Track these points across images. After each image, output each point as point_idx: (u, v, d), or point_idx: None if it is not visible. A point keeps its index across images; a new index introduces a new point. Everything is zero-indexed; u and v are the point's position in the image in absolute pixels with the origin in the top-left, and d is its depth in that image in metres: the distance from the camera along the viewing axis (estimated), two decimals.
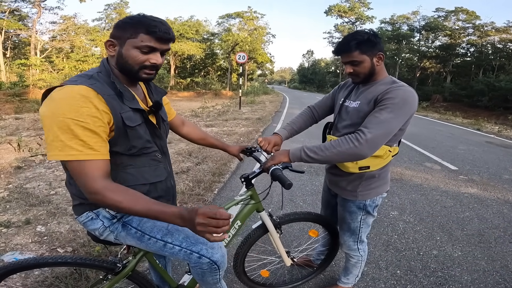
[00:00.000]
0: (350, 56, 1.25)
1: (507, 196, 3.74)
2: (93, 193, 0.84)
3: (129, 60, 0.95)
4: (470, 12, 29.74)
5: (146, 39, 0.93)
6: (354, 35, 1.24)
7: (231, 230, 1.36)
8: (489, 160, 5.69)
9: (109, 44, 0.96)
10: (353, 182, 1.40)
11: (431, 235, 2.65)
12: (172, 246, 1.09)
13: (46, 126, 0.84)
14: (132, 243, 1.10)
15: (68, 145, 0.82)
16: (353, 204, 1.46)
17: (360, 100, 1.32)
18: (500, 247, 2.50)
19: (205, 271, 1.16)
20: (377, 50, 1.24)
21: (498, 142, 8.17)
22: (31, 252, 2.09)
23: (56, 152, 0.83)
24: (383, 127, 1.14)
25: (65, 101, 0.84)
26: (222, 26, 33.33)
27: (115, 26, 0.96)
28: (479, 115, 18.29)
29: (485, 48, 30.01)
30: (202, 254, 1.11)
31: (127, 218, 1.08)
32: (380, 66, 1.28)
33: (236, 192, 3.45)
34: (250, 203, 1.38)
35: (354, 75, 1.30)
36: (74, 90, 0.86)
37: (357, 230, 1.52)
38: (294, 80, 74.47)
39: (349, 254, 1.65)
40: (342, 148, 1.15)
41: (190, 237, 1.12)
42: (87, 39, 24.12)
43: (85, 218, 1.06)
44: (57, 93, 0.86)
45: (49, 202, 2.95)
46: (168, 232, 1.10)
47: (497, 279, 2.06)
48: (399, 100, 1.16)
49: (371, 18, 38.98)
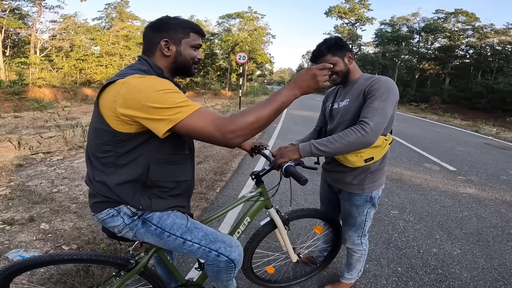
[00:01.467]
0: (324, 60, 1.39)
1: (504, 197, 3.78)
2: (227, 133, 0.86)
3: (187, 57, 1.07)
4: (469, 14, 29.81)
5: (196, 38, 1.08)
6: (323, 42, 1.42)
7: (241, 227, 1.38)
8: (487, 161, 5.74)
9: (165, 45, 1.03)
10: (359, 176, 1.46)
11: (430, 233, 2.69)
12: (191, 243, 1.10)
13: (156, 100, 0.85)
14: (150, 240, 1.10)
15: (186, 102, 0.88)
16: (359, 197, 1.51)
17: (348, 97, 1.44)
18: (498, 245, 2.54)
19: (221, 269, 1.17)
20: (345, 50, 1.41)
21: (496, 144, 8.23)
22: (35, 250, 2.11)
23: (185, 108, 0.86)
24: (380, 114, 1.25)
25: (153, 80, 0.90)
26: (222, 26, 33.34)
27: (165, 29, 1.03)
28: (478, 117, 18.36)
29: (484, 50, 30.09)
30: (220, 252, 1.13)
31: (147, 215, 1.08)
32: (352, 65, 1.44)
33: (238, 191, 3.48)
34: (260, 200, 1.40)
35: (333, 76, 1.43)
36: (150, 77, 0.92)
37: (362, 224, 1.59)
38: None
39: (352, 249, 1.70)
40: (351, 139, 1.22)
41: (209, 235, 1.13)
42: (87, 38, 24.07)
43: (105, 215, 1.05)
44: (137, 80, 0.89)
45: (52, 199, 2.96)
46: (188, 230, 1.11)
47: (495, 277, 2.10)
48: (384, 89, 1.30)
49: (371, 19, 39.09)
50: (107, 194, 1.01)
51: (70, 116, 9.52)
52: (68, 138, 5.94)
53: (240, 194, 3.40)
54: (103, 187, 1.01)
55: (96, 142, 0.98)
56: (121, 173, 0.99)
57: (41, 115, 10.98)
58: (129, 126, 0.92)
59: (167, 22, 1.04)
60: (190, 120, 0.86)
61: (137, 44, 27.14)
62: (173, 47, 1.04)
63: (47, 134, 7.62)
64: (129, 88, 0.88)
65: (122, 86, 0.89)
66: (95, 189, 1.03)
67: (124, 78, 0.90)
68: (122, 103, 0.88)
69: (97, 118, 0.96)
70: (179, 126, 0.86)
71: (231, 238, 1.20)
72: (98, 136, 0.97)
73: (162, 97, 0.86)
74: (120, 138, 0.94)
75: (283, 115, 11.33)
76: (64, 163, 4.23)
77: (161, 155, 1.02)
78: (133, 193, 1.02)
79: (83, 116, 11.83)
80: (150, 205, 1.05)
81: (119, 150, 0.96)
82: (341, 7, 38.91)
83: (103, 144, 0.97)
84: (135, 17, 28.10)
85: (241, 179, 3.91)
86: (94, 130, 0.99)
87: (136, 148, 0.97)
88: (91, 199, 1.07)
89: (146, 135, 0.95)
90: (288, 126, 8.78)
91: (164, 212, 1.09)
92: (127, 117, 0.89)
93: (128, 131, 0.93)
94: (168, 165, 1.05)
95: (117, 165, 0.99)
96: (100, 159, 1.00)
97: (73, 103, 17.75)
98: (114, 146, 0.96)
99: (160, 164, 1.02)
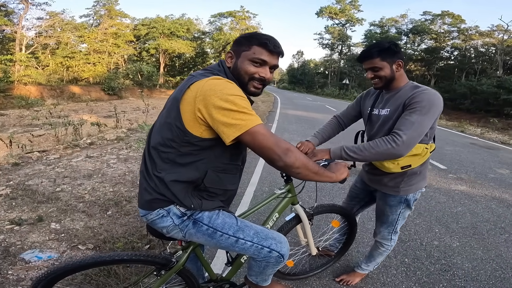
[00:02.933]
0: (371, 62, 1.37)
1: (494, 193, 4.00)
2: (285, 150, 0.94)
3: (241, 71, 1.05)
4: (456, 16, 30.61)
5: (258, 52, 1.03)
6: (376, 44, 1.38)
7: (269, 222, 1.44)
8: (475, 160, 6.01)
9: (229, 56, 1.07)
10: (395, 179, 1.50)
11: (430, 227, 2.83)
12: (244, 241, 1.14)
13: (227, 103, 0.90)
14: (201, 240, 1.13)
15: (251, 113, 0.94)
16: (394, 198, 1.56)
17: (389, 107, 1.42)
18: (492, 238, 2.71)
19: (269, 264, 1.22)
20: (396, 57, 1.36)
21: (482, 143, 8.60)
22: (51, 250, 2.09)
23: (253, 117, 0.93)
24: (415, 129, 1.25)
25: (231, 84, 0.96)
26: (213, 25, 33.21)
27: (234, 42, 1.07)
28: (462, 118, 18.89)
29: (468, 51, 31.03)
30: (272, 248, 1.18)
31: (197, 215, 1.10)
32: (399, 72, 1.40)
33: (243, 189, 3.53)
34: (288, 196, 1.47)
35: (375, 80, 1.41)
36: (228, 81, 0.99)
37: (394, 222, 1.63)
38: (283, 80, 74.79)
39: (380, 243, 1.75)
40: (380, 149, 1.26)
41: (260, 232, 1.18)
42: (74, 35, 23.49)
43: (155, 215, 1.07)
44: (217, 80, 0.96)
45: (57, 199, 2.94)
46: (239, 229, 1.14)
47: (494, 266, 2.25)
48: (426, 103, 1.27)
49: (361, 20, 39.71)
50: (163, 191, 1.03)
51: (60, 114, 9.31)
52: (60, 136, 5.85)
53: (246, 192, 3.46)
54: (161, 183, 1.03)
55: (163, 135, 1.01)
56: (179, 171, 1.02)
57: (28, 113, 10.69)
58: (200, 128, 0.96)
59: (243, 35, 1.08)
60: (256, 131, 0.91)
61: (126, 42, 26.69)
62: (234, 59, 1.08)
63: (37, 132, 7.46)
64: (211, 85, 0.93)
65: (205, 84, 0.94)
66: (152, 184, 1.05)
67: (206, 78, 0.96)
68: (201, 100, 0.92)
69: (174, 114, 0.99)
70: (246, 134, 0.91)
71: (279, 234, 1.25)
72: (167, 131, 1.00)
73: (236, 101, 0.91)
74: (187, 138, 0.98)
75: (277, 115, 11.41)
76: (62, 162, 4.17)
77: (218, 163, 1.06)
78: (185, 193, 1.05)
79: (73, 114, 11.61)
80: (201, 205, 1.08)
81: (182, 150, 1.00)
82: (332, 8, 39.35)
83: (169, 139, 1.00)
84: (125, 14, 27.63)
85: (245, 177, 3.96)
86: (165, 124, 1.02)
87: (198, 152, 1.01)
88: (143, 196, 1.08)
89: (211, 142, 0.99)
90: (283, 126, 8.88)
91: (213, 212, 1.12)
92: (202, 115, 0.93)
93: (198, 134, 0.97)
94: (222, 173, 1.09)
95: (175, 163, 1.02)
96: (161, 153, 1.03)
97: (59, 101, 17.32)
98: (179, 145, 0.99)
99: (216, 172, 1.06)
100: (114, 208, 2.76)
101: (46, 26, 21.73)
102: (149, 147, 1.08)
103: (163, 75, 29.95)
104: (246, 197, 3.31)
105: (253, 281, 1.37)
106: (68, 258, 2.03)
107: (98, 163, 4.12)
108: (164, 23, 29.31)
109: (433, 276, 2.07)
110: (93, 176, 3.56)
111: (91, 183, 3.36)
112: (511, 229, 2.93)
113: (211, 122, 0.93)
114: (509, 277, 2.13)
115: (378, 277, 2.03)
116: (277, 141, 0.93)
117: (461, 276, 2.09)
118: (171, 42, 28.14)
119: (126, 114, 10.76)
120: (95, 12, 26.63)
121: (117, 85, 21.53)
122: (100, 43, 24.18)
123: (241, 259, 1.40)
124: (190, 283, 1.32)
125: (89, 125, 7.20)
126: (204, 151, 1.02)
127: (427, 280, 2.02)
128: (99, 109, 15.19)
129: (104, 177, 3.57)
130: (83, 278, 1.74)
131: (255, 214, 2.73)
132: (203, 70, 1.07)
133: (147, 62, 29.08)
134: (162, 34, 29.06)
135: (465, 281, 2.04)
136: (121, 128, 7.36)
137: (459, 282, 2.03)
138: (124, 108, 14.50)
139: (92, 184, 3.33)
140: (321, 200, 3.38)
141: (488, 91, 21.92)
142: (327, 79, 46.47)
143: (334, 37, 42.18)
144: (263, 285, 1.39)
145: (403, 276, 2.05)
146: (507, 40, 27.19)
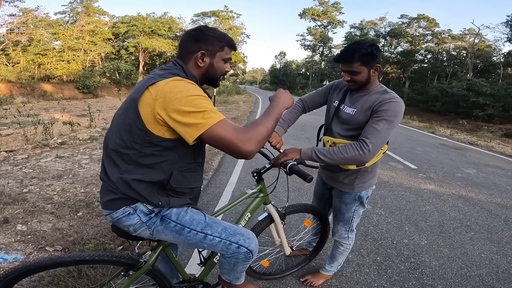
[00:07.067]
0: (350, 66, 1.36)
1: (460, 192, 4.22)
2: (246, 141, 0.93)
3: (218, 70, 1.14)
4: (430, 19, 31.98)
5: (228, 51, 1.14)
6: (358, 47, 1.32)
7: (241, 222, 1.44)
8: (443, 160, 6.33)
9: (201, 56, 1.07)
10: (350, 177, 1.57)
11: (400, 226, 2.95)
12: (212, 237, 1.14)
13: (185, 103, 0.90)
14: (169, 237, 1.12)
15: (213, 110, 0.94)
16: (349, 196, 1.62)
17: (355, 107, 1.45)
18: (458, 236, 2.84)
19: (239, 261, 1.22)
20: (375, 62, 1.36)
21: (450, 144, 9.06)
22: (17, 252, 2.00)
23: (214, 115, 0.93)
24: (381, 137, 1.31)
25: (191, 85, 0.97)
26: (196, 25, 32.78)
27: (203, 40, 1.07)
28: (433, 119, 19.79)
29: (441, 55, 32.53)
30: (240, 244, 1.18)
31: (165, 212, 1.09)
32: (375, 76, 1.41)
33: (222, 189, 3.53)
34: (259, 196, 1.48)
35: (351, 83, 1.42)
36: (188, 81, 0.99)
37: (350, 220, 1.70)
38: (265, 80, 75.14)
39: (339, 242, 1.82)
40: (349, 155, 1.32)
41: (228, 228, 1.18)
42: (48, 32, 22.48)
43: (121, 213, 1.05)
44: (177, 82, 0.96)
45: (24, 200, 2.80)
46: (207, 225, 1.14)
47: (460, 265, 2.36)
48: (392, 112, 1.32)
49: (342, 22, 40.68)
50: (126, 192, 1.02)
51: (30, 112, 8.84)
52: (29, 135, 5.57)
53: (224, 192, 3.44)
54: (122, 184, 1.01)
55: (123, 137, 0.99)
56: (142, 172, 1.01)
57: None
58: (161, 128, 0.95)
59: (206, 33, 1.08)
60: (217, 128, 0.92)
61: (104, 39, 25.84)
62: (208, 59, 1.10)
63: (5, 132, 7.05)
64: (171, 88, 0.92)
65: (165, 86, 0.93)
66: (113, 186, 1.03)
67: (165, 79, 0.95)
68: (161, 103, 0.91)
69: (133, 115, 0.97)
70: (207, 132, 0.91)
71: (247, 230, 1.26)
72: (127, 133, 0.98)
73: (196, 101, 0.91)
74: (149, 138, 0.96)
75: (258, 115, 11.44)
76: (30, 162, 3.97)
77: (183, 163, 1.06)
78: (150, 192, 1.04)
79: (44, 113, 11.07)
80: (169, 201, 1.07)
81: (144, 151, 0.99)
82: (315, 10, 40.04)
83: (131, 141, 0.98)
84: (103, 12, 26.77)
85: (223, 177, 3.95)
86: (123, 125, 1.00)
87: (160, 153, 1.00)
88: (105, 196, 1.06)
89: (174, 142, 0.99)
90: None
91: (181, 209, 1.12)
92: (162, 117, 0.92)
93: (160, 134, 0.96)
94: (187, 172, 1.09)
95: (138, 164, 1.01)
96: (122, 155, 1.01)
97: (30, 99, 16.47)
98: (141, 146, 0.98)
99: (181, 172, 1.06)
100: (85, 209, 2.66)
101: (19, 23, 20.68)
102: (108, 151, 1.05)
103: (143, 73, 29.23)
104: (224, 197, 3.30)
105: (226, 279, 1.37)
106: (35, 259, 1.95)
107: (69, 163, 3.95)
108: (145, 21, 28.65)
109: (403, 275, 2.15)
110: (63, 177, 3.41)
111: (60, 184, 3.22)
112: (476, 228, 3.08)
113: (172, 124, 0.93)
114: (474, 275, 2.22)
115: (352, 275, 2.08)
116: (238, 135, 0.93)
117: (429, 275, 2.18)
118: (152, 40, 27.52)
119: (102, 113, 10.40)
120: (71, 9, 25.65)
121: (93, 84, 20.83)
122: (75, 40, 23.31)
123: (213, 259, 1.40)
124: (162, 284, 1.30)
125: (61, 124, 6.90)
126: (167, 152, 1.01)
127: (398, 279, 2.09)
128: (72, 107, 14.60)
129: (75, 177, 3.43)
130: (51, 280, 1.68)
131: (231, 214, 2.79)
132: (161, 69, 1.05)
133: (125, 61, 28.30)
134: (143, 33, 28.39)
135: (433, 279, 2.12)
136: (95, 128, 7.11)
137: (427, 281, 2.10)
138: (99, 107, 14.01)
139: (62, 185, 3.19)
140: (298, 200, 3.43)
141: (458, 93, 23.06)
142: (309, 80, 47.20)
143: (316, 38, 42.97)
144: (237, 284, 1.40)
145: (375, 275, 2.12)
146: (478, 44, 28.76)
